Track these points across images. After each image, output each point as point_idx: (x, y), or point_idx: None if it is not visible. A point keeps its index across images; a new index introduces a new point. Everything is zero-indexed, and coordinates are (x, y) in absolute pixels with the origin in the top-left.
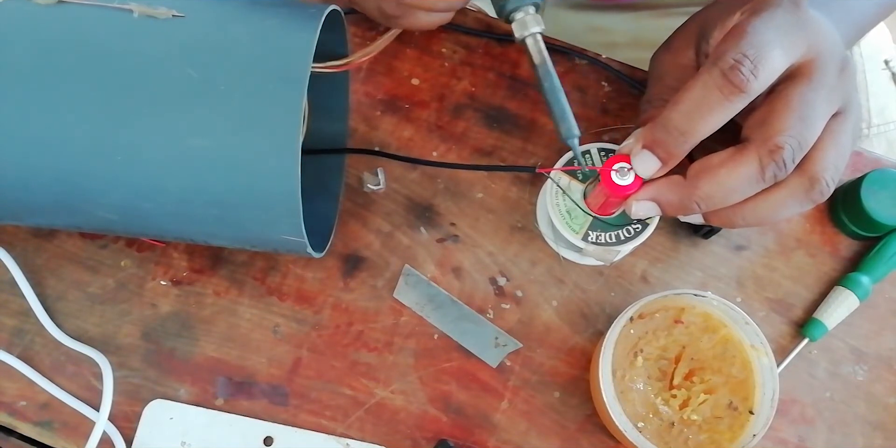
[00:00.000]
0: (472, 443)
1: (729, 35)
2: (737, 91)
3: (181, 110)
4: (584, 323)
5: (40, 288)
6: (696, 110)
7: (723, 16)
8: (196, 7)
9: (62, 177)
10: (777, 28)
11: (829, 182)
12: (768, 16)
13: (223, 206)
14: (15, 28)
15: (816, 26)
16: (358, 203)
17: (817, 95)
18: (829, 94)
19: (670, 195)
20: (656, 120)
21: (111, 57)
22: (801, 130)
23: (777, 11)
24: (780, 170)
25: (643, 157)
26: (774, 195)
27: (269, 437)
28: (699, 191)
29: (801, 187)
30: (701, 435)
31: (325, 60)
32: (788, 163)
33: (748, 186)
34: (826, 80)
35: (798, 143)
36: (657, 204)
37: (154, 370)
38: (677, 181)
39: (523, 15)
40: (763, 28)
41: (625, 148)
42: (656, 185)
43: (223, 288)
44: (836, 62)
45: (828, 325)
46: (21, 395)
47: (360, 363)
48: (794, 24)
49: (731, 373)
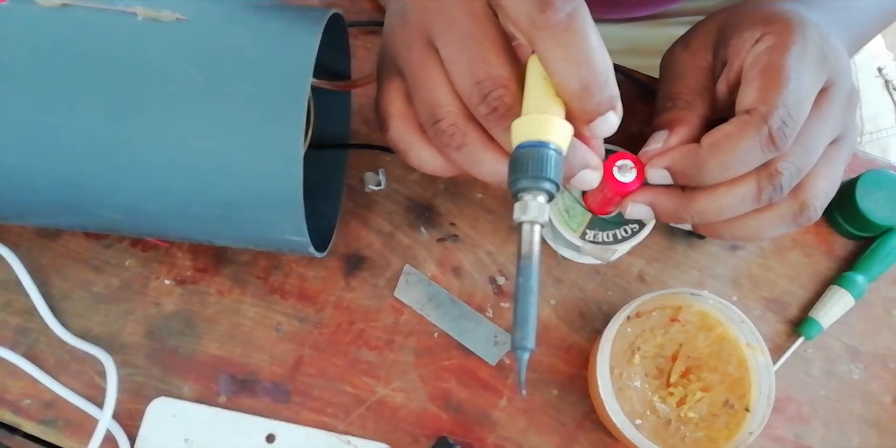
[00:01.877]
0: (472, 440)
1: (769, 81)
2: (776, 150)
3: (185, 112)
4: (581, 321)
5: (45, 287)
6: (734, 161)
7: (743, 25)
8: (199, 10)
9: (67, 178)
10: (810, 70)
11: (817, 209)
12: (799, 51)
13: (226, 207)
14: (19, 31)
15: (836, 56)
16: (359, 203)
17: (823, 125)
18: (833, 123)
19: (667, 203)
20: (691, 154)
21: (115, 59)
22: (801, 156)
23: (808, 45)
24: (777, 193)
25: (661, 176)
26: (765, 215)
27: (271, 434)
28: (695, 204)
29: (791, 211)
30: (698, 432)
31: (327, 63)
32: (785, 188)
33: (742, 206)
34: (834, 110)
35: (797, 169)
36: (652, 209)
37: (158, 368)
38: (676, 191)
39: (531, 199)
40: (799, 70)
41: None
42: (655, 192)
43: (226, 287)
44: (846, 93)
45: (823, 324)
46: (25, 393)
47: (361, 361)
48: (822, 59)
49: (727, 371)
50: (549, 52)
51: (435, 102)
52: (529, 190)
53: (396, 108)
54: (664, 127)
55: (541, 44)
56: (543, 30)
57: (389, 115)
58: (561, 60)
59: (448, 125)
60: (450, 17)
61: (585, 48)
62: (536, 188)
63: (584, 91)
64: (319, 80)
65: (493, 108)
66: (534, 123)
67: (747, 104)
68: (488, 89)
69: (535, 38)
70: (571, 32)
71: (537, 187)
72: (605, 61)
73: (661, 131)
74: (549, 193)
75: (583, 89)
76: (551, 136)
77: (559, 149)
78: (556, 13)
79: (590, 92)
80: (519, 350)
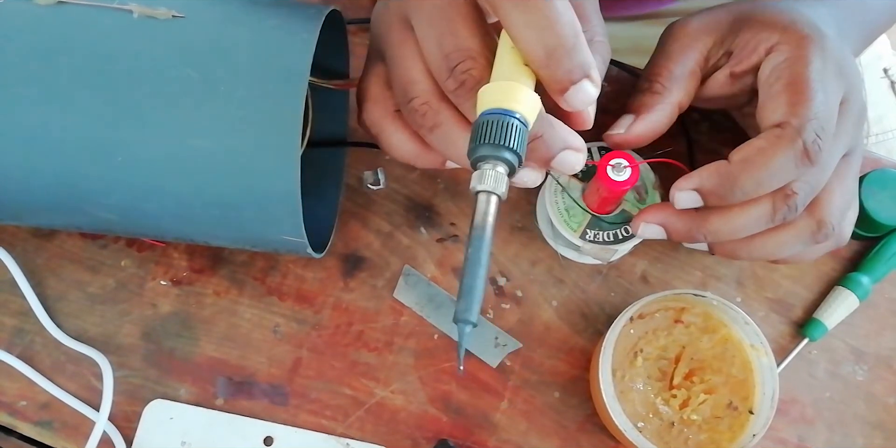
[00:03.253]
0: (472, 443)
1: (797, 94)
2: (810, 164)
3: (181, 111)
4: (583, 323)
5: (40, 288)
6: (768, 176)
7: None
8: (196, 7)
9: (62, 177)
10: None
11: (834, 226)
12: (820, 65)
13: (223, 207)
14: (15, 29)
15: (851, 70)
16: (358, 203)
17: (838, 141)
18: (846, 139)
19: (679, 224)
20: (722, 171)
21: (111, 57)
22: (816, 175)
23: (827, 58)
24: (791, 213)
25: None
26: (782, 234)
27: (269, 436)
28: (709, 224)
29: (809, 229)
30: (701, 435)
31: (325, 61)
32: (800, 207)
33: (756, 225)
34: (847, 126)
35: (811, 188)
36: (665, 229)
37: (154, 370)
38: (689, 211)
39: (490, 168)
40: (824, 83)
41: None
42: (667, 212)
43: (223, 288)
44: (858, 107)
45: (828, 325)
46: (21, 394)
47: (360, 363)
48: (840, 73)
49: (730, 373)
50: (510, 17)
51: (408, 80)
52: (488, 159)
53: (372, 92)
54: (633, 111)
55: (502, 10)
56: None
57: (364, 98)
58: (523, 26)
59: (420, 104)
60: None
61: (548, 11)
62: (495, 157)
63: (551, 58)
64: (317, 78)
65: (461, 82)
66: (499, 91)
67: (777, 118)
68: (455, 62)
69: (497, 4)
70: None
71: (496, 156)
72: (572, 25)
73: (627, 116)
74: (509, 164)
75: (549, 56)
76: (516, 105)
77: (524, 119)
78: None
79: (556, 58)
80: (461, 323)
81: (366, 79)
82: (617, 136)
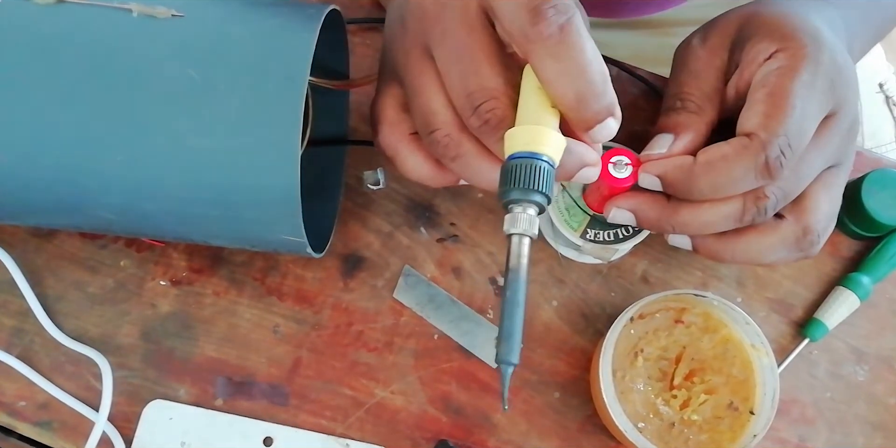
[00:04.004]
0: (472, 443)
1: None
2: (769, 179)
3: (181, 110)
4: (584, 323)
5: (40, 288)
6: (726, 183)
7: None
8: (196, 7)
9: (61, 177)
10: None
11: (820, 234)
12: (809, 79)
13: (223, 207)
14: (14, 28)
15: (845, 83)
16: (358, 203)
17: (819, 154)
18: (829, 151)
19: (650, 212)
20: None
21: (111, 57)
22: (790, 182)
23: (818, 71)
24: (760, 216)
25: (651, 182)
26: (767, 238)
27: (268, 437)
28: (678, 216)
29: (794, 236)
30: (701, 435)
31: (325, 60)
32: (770, 211)
33: (725, 223)
34: (832, 139)
35: (784, 195)
36: (635, 215)
37: (153, 370)
38: (660, 200)
39: (521, 211)
40: (806, 98)
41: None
42: (639, 199)
43: (223, 288)
44: (848, 122)
45: (828, 326)
46: (20, 395)
47: (360, 363)
48: (830, 87)
49: (731, 373)
50: (542, 64)
51: (430, 112)
52: (520, 202)
53: (388, 114)
54: (670, 130)
55: (534, 57)
56: (536, 43)
57: (381, 121)
58: (555, 73)
59: (443, 136)
60: (445, 27)
61: (580, 60)
62: (527, 201)
63: (581, 102)
64: (317, 78)
65: (485, 121)
66: (527, 134)
67: (749, 127)
68: (479, 101)
69: (529, 51)
70: (565, 45)
71: (527, 200)
72: (601, 71)
73: (665, 135)
74: (540, 206)
75: (579, 101)
76: (544, 148)
77: (551, 161)
78: (548, 26)
79: (586, 102)
80: (503, 364)
81: (381, 101)
82: (658, 156)
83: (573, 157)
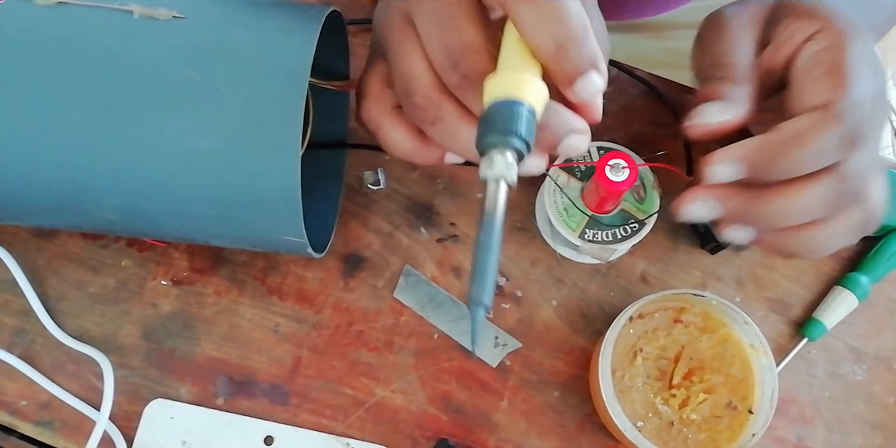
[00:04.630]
0: (472, 442)
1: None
2: (851, 148)
3: (182, 111)
4: (583, 322)
5: (41, 288)
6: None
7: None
8: (196, 8)
9: (63, 177)
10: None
11: (879, 217)
12: (860, 54)
13: (224, 207)
14: (15, 29)
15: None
16: (358, 203)
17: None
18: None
19: (737, 200)
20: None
21: (112, 58)
22: (865, 161)
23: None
24: (848, 198)
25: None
26: (835, 224)
27: (269, 436)
28: (768, 205)
29: (862, 220)
30: (700, 434)
31: (325, 61)
32: (856, 192)
33: (819, 209)
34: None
35: (862, 174)
36: (720, 204)
37: (155, 370)
38: (743, 188)
39: (498, 154)
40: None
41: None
42: (722, 189)
43: (224, 288)
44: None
45: (827, 325)
46: (22, 394)
47: (360, 363)
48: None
49: (730, 372)
50: (519, 12)
51: (410, 76)
52: (497, 145)
53: (372, 89)
54: (716, 99)
55: (510, 4)
56: None
57: (364, 95)
58: (532, 19)
59: (422, 98)
60: None
61: (557, 6)
62: (504, 143)
63: (560, 50)
64: (318, 79)
65: (465, 76)
66: (506, 82)
67: (819, 101)
68: (459, 56)
69: (506, 0)
70: None
71: (505, 143)
72: (581, 19)
73: (713, 103)
74: (518, 151)
75: (558, 49)
76: (524, 94)
77: (532, 109)
78: None
79: (566, 51)
80: (475, 305)
81: (366, 76)
82: (716, 125)
83: (560, 118)
